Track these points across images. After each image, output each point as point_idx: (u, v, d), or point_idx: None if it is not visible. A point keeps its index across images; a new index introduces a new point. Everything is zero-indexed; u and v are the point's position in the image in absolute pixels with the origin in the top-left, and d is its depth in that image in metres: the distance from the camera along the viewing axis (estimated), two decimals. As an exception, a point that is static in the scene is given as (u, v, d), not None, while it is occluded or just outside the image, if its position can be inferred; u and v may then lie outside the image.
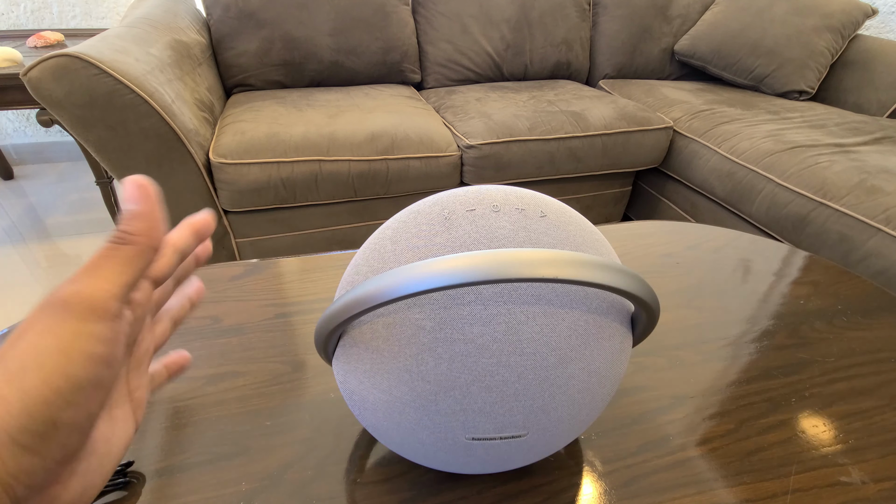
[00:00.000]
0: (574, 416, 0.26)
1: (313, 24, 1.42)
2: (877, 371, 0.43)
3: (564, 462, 0.34)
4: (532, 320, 0.23)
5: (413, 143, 1.18)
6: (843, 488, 0.33)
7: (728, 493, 0.33)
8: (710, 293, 0.52)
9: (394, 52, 1.52)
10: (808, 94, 1.58)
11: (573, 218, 0.27)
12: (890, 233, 0.94)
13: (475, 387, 0.23)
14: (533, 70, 1.69)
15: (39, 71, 0.83)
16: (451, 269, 0.20)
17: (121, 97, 0.88)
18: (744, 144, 1.25)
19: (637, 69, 1.78)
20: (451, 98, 1.46)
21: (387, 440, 0.28)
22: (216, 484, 0.32)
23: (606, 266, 0.21)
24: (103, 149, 0.94)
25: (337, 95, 1.39)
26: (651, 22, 1.73)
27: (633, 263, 0.57)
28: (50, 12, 1.75)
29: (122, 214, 0.18)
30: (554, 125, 1.30)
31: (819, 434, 0.37)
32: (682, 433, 0.37)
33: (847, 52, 1.59)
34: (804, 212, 1.08)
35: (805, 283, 0.55)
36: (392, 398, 0.25)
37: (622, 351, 0.27)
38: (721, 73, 1.68)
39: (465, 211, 0.26)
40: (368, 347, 0.25)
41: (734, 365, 0.43)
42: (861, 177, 1.04)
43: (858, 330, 0.48)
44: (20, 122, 1.94)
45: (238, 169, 1.07)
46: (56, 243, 1.53)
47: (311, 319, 0.46)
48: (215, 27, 1.38)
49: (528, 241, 0.24)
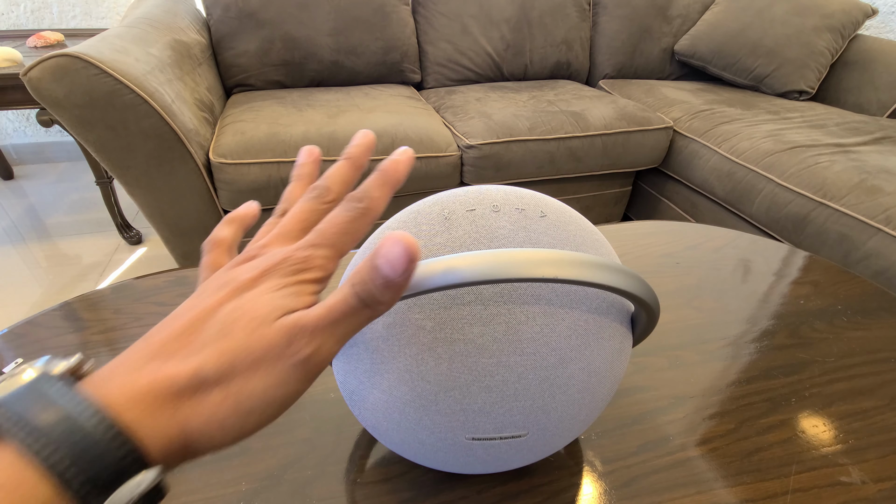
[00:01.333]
0: (574, 416, 0.26)
1: (313, 24, 1.42)
2: (877, 371, 0.43)
3: (564, 462, 0.34)
4: (532, 320, 0.23)
5: (413, 143, 1.18)
6: (843, 488, 0.33)
7: (728, 493, 0.33)
8: (710, 293, 0.52)
9: (394, 52, 1.52)
10: (808, 94, 1.58)
11: (573, 218, 0.27)
12: (890, 233, 0.94)
13: (475, 387, 0.23)
14: (533, 70, 1.69)
15: (39, 71, 0.83)
16: (451, 269, 0.20)
17: (121, 97, 0.88)
18: (744, 144, 1.25)
19: (637, 69, 1.78)
20: (451, 98, 1.46)
21: (387, 440, 0.28)
22: (216, 484, 0.32)
23: (606, 266, 0.21)
24: (103, 149, 0.94)
25: (337, 95, 1.39)
26: (651, 22, 1.73)
27: (633, 263, 0.57)
28: (50, 12, 1.75)
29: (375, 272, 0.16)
30: (554, 125, 1.30)
31: (819, 434, 0.37)
32: (682, 433, 0.37)
33: (847, 52, 1.59)
34: (804, 212, 1.08)
35: (805, 283, 0.55)
36: (392, 398, 0.25)
37: (622, 351, 0.27)
38: (721, 73, 1.68)
39: (465, 211, 0.26)
40: (368, 347, 0.25)
41: (734, 365, 0.43)
42: (861, 177, 1.04)
43: (858, 330, 0.48)
44: (20, 122, 1.94)
45: (238, 169, 1.07)
46: (56, 243, 1.53)
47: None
48: (215, 27, 1.38)
49: (528, 241, 0.24)
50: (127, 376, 0.15)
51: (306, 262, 0.18)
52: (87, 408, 0.13)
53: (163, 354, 0.15)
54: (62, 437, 0.13)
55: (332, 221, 0.19)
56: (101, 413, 0.13)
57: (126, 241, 1.53)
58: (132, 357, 0.16)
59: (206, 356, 0.15)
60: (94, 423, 0.13)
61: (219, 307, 0.16)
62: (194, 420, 0.15)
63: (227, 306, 0.16)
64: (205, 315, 0.16)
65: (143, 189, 1.02)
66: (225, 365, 0.15)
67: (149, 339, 0.16)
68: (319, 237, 0.18)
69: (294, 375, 0.16)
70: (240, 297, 0.16)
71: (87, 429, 0.13)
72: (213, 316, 0.16)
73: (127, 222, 1.52)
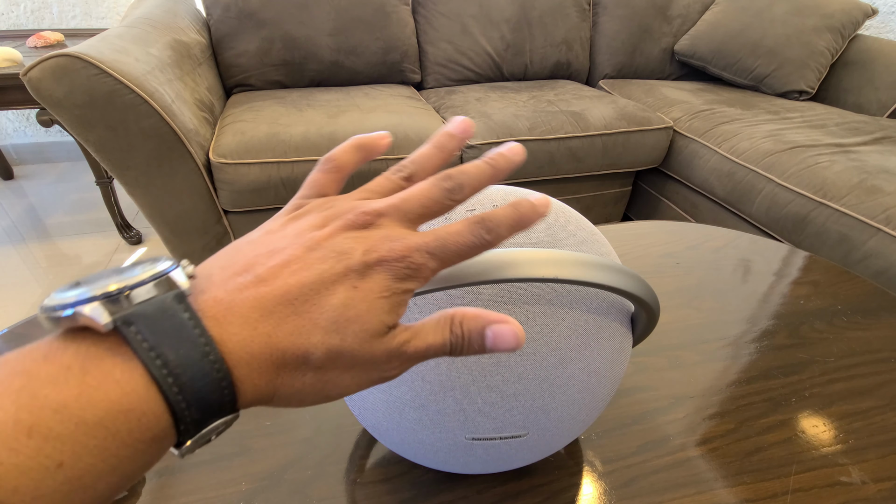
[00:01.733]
0: (574, 416, 0.26)
1: (313, 24, 1.42)
2: (877, 371, 0.43)
3: (564, 462, 0.34)
4: (532, 320, 0.23)
5: (413, 143, 1.18)
6: (843, 488, 0.33)
7: (728, 493, 0.33)
8: (710, 293, 0.52)
9: (394, 52, 1.52)
10: (808, 94, 1.58)
11: (573, 218, 0.27)
12: (890, 233, 0.94)
13: (475, 387, 0.23)
14: (533, 70, 1.69)
15: (39, 71, 0.83)
16: (451, 269, 0.20)
17: (121, 97, 0.88)
18: (744, 144, 1.25)
19: (637, 69, 1.78)
20: (451, 98, 1.46)
21: (387, 440, 0.28)
22: (216, 484, 0.32)
23: (606, 266, 0.21)
24: (103, 149, 0.94)
25: (337, 95, 1.39)
26: (651, 22, 1.73)
27: (633, 263, 0.57)
28: (50, 12, 1.75)
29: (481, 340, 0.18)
30: (554, 125, 1.30)
31: (819, 434, 0.37)
32: (682, 433, 0.37)
33: (847, 52, 1.59)
34: (804, 212, 1.08)
35: (805, 283, 0.55)
36: (392, 398, 0.25)
37: (622, 351, 0.27)
38: (721, 73, 1.68)
39: (464, 211, 0.26)
40: (368, 347, 0.25)
41: (734, 365, 0.43)
42: (861, 177, 1.04)
43: (858, 330, 0.48)
44: (20, 122, 1.94)
45: (238, 169, 1.07)
46: (56, 243, 1.53)
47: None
48: (215, 27, 1.38)
49: (528, 241, 0.24)
50: (243, 329, 0.15)
51: (418, 271, 0.18)
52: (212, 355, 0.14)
53: (275, 316, 0.16)
54: (190, 380, 0.14)
55: (457, 241, 0.18)
56: (222, 365, 0.15)
57: (126, 241, 1.53)
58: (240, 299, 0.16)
59: (315, 344, 0.16)
60: (215, 374, 0.14)
61: (333, 285, 0.17)
62: (284, 388, 0.16)
63: (341, 292, 0.17)
64: (318, 286, 0.17)
65: (143, 189, 1.02)
66: (329, 360, 0.17)
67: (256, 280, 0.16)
68: (441, 250, 0.18)
69: (376, 382, 0.18)
70: (354, 287, 0.17)
71: (210, 377, 0.14)
72: (328, 296, 0.17)
73: (127, 222, 1.52)
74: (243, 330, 0.15)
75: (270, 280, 0.16)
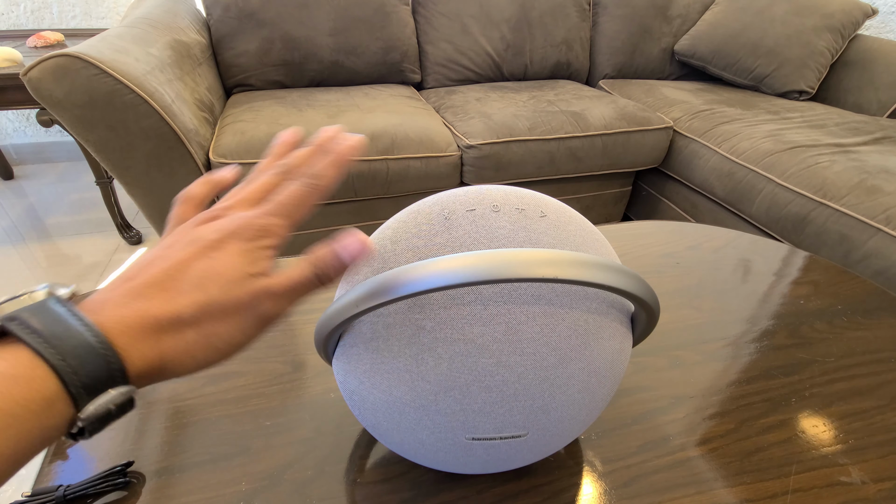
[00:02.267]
0: (574, 416, 0.26)
1: (313, 24, 1.42)
2: (877, 371, 0.43)
3: (564, 462, 0.34)
4: (532, 320, 0.23)
5: (413, 143, 1.18)
6: (843, 488, 0.33)
7: (728, 493, 0.33)
8: (710, 293, 0.52)
9: (394, 52, 1.52)
10: (808, 94, 1.58)
11: (573, 218, 0.27)
12: (890, 233, 0.94)
13: (475, 387, 0.23)
14: (533, 70, 1.69)
15: (39, 71, 0.83)
16: (451, 269, 0.20)
17: (121, 97, 0.88)
18: (744, 144, 1.25)
19: (637, 69, 1.78)
20: (451, 98, 1.46)
21: (387, 440, 0.28)
22: (216, 484, 0.32)
23: (606, 266, 0.21)
24: (103, 149, 0.94)
25: (337, 95, 1.39)
26: (651, 22, 1.73)
27: (633, 263, 0.57)
28: (50, 12, 1.75)
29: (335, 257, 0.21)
30: (554, 125, 1.30)
31: (819, 434, 0.37)
32: (682, 433, 0.37)
33: (847, 52, 1.59)
34: (804, 212, 1.08)
35: (805, 283, 0.55)
36: (392, 398, 0.25)
37: (622, 351, 0.27)
38: (721, 73, 1.68)
39: (465, 211, 0.26)
40: (368, 347, 0.25)
41: (734, 365, 0.43)
42: (861, 177, 1.04)
43: (858, 330, 0.48)
44: (20, 122, 1.94)
45: (238, 169, 1.07)
46: (56, 243, 1.53)
47: (311, 319, 0.46)
48: (215, 27, 1.38)
49: (528, 241, 0.24)
50: (117, 309, 0.18)
51: (265, 230, 0.21)
52: (91, 328, 0.17)
53: (145, 296, 0.19)
54: (71, 348, 0.16)
55: (289, 195, 0.22)
56: (99, 332, 0.17)
57: (126, 241, 1.53)
58: (116, 294, 0.19)
59: (185, 303, 0.19)
60: (95, 341, 0.17)
61: (192, 262, 0.20)
62: (171, 351, 0.18)
63: (199, 263, 0.20)
64: (180, 267, 0.19)
65: (143, 189, 1.02)
66: (200, 312, 0.19)
67: (130, 281, 0.19)
68: (278, 207, 0.22)
69: (255, 326, 0.20)
70: (209, 257, 0.20)
71: (91, 344, 0.16)
72: (188, 269, 0.19)
73: (127, 222, 1.52)
74: (118, 309, 0.18)
75: (139, 276, 0.19)
